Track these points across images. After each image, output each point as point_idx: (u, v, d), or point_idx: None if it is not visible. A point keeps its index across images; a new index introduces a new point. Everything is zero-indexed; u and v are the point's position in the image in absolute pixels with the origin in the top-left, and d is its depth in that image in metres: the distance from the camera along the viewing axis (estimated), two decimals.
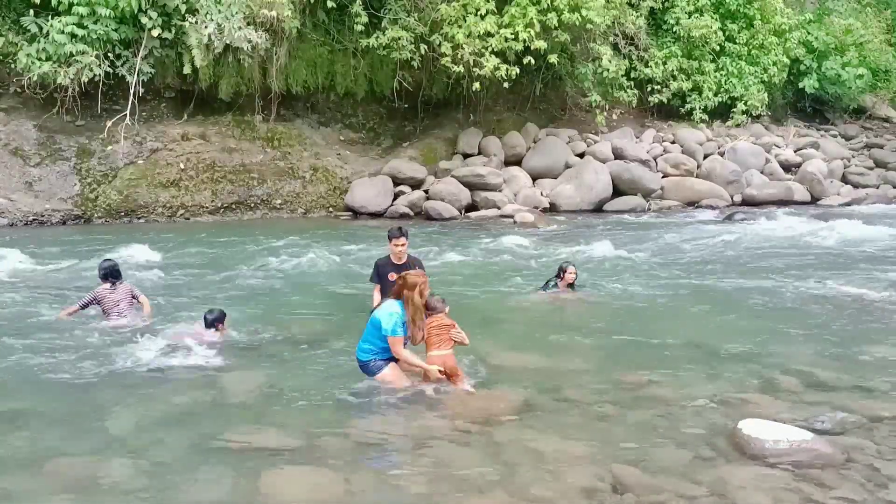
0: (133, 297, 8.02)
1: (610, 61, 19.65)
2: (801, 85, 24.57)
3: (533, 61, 17.92)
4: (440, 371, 5.69)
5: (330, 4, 17.33)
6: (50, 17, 15.36)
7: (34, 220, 15.40)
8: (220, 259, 11.73)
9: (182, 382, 6.13)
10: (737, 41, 23.25)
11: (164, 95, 17.71)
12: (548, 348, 7.07)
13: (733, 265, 11.44)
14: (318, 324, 7.99)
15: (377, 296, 7.67)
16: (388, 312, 5.71)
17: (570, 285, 9.22)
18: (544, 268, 11.13)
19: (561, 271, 9.23)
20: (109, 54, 15.93)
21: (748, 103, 22.59)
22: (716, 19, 22.76)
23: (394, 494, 4.20)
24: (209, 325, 7.18)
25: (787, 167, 21.80)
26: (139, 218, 16.43)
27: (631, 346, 7.20)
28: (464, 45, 17.25)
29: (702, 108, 22.40)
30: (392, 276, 7.46)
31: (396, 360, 5.80)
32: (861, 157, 23.60)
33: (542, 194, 18.81)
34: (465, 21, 17.53)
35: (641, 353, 6.85)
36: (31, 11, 15.57)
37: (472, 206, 18.13)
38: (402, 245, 7.65)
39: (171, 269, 10.79)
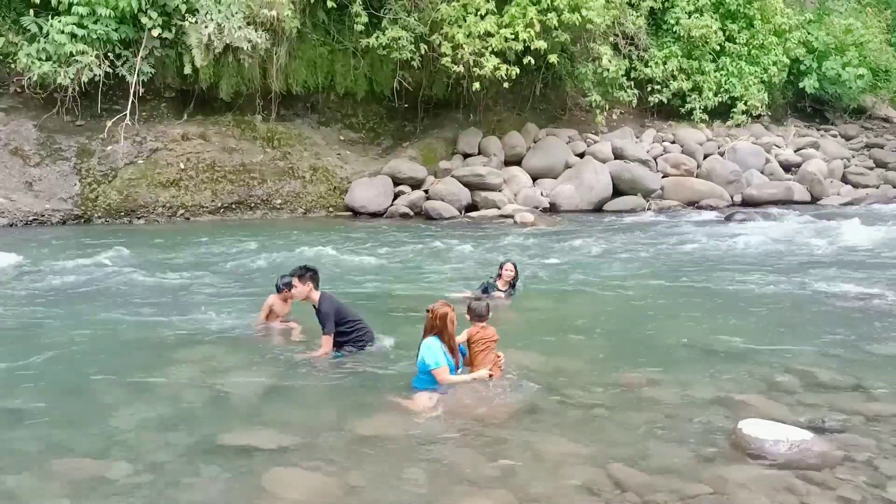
0: None
1: (610, 61, 19.66)
2: (801, 85, 24.57)
3: (533, 61, 17.92)
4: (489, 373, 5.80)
5: (330, 4, 17.33)
6: (50, 17, 15.36)
7: (34, 220, 15.40)
8: (220, 259, 11.73)
9: (183, 382, 6.13)
10: (737, 41, 23.25)
11: (164, 95, 17.71)
12: (548, 348, 7.07)
13: (733, 265, 11.43)
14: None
15: None
16: (427, 347, 5.69)
17: (512, 285, 9.06)
18: (543, 267, 11.14)
19: (500, 268, 9.10)
20: (109, 54, 15.92)
21: (748, 103, 22.59)
22: (716, 19, 22.77)
23: (394, 494, 4.20)
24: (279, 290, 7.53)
25: (787, 167, 21.79)
26: (139, 218, 16.42)
27: (631, 346, 7.20)
28: (464, 45, 17.25)
29: (702, 108, 22.40)
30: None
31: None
32: (861, 157, 23.57)
33: (542, 194, 18.80)
34: (465, 21, 17.53)
35: (641, 353, 6.85)
36: (31, 11, 15.56)
37: (472, 206, 18.13)
38: (289, 294, 6.91)
39: (170, 270, 10.77)
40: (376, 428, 5.08)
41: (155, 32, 15.96)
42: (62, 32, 15.17)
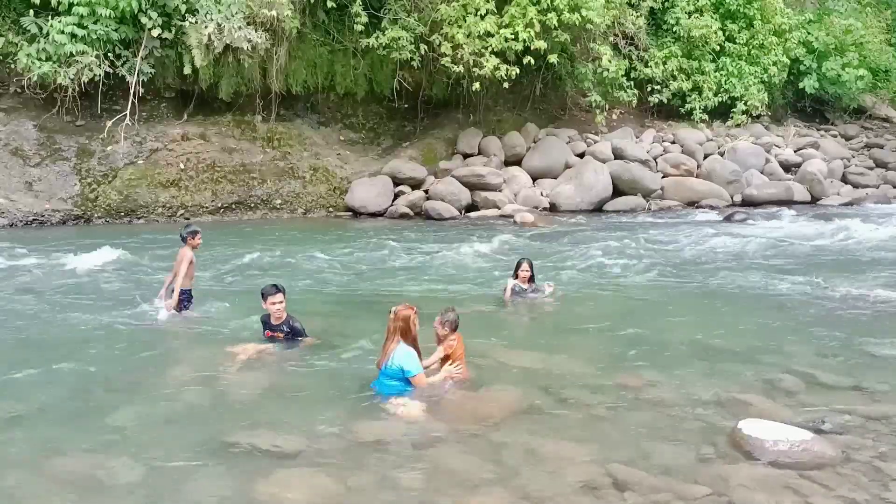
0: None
1: (610, 61, 19.64)
2: (801, 85, 24.55)
3: (533, 61, 17.91)
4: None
5: (330, 4, 17.32)
6: (50, 17, 15.34)
7: (34, 220, 15.39)
8: (220, 259, 11.72)
9: (183, 382, 6.13)
10: (737, 41, 23.25)
11: (164, 95, 17.69)
12: (548, 348, 7.07)
13: (733, 265, 11.43)
14: (318, 324, 7.96)
15: None
16: (407, 356, 5.69)
17: (531, 280, 9.01)
18: (544, 268, 11.13)
19: (516, 268, 9.07)
20: (109, 54, 15.91)
21: (748, 103, 22.58)
22: (716, 19, 22.76)
23: (394, 495, 4.20)
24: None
25: (787, 167, 21.79)
26: (139, 218, 16.42)
27: (631, 346, 7.19)
28: (464, 45, 17.24)
29: (702, 108, 22.39)
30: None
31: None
32: (861, 157, 23.58)
33: (542, 194, 18.81)
34: (465, 21, 17.52)
35: (641, 353, 6.85)
36: (31, 11, 15.55)
37: (472, 206, 18.13)
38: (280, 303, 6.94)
39: (170, 270, 10.75)
40: (376, 429, 5.08)
41: (155, 32, 15.95)
42: (62, 33, 15.15)
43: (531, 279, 9.03)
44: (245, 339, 7.31)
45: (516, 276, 9.03)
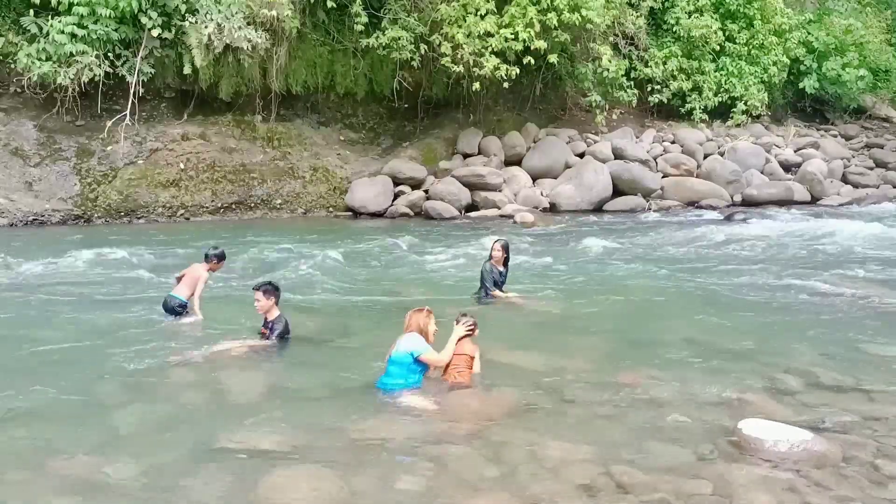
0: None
1: (610, 61, 19.65)
2: (801, 85, 24.56)
3: (533, 61, 17.92)
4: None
5: (330, 4, 17.32)
6: (50, 17, 15.34)
7: (34, 220, 15.39)
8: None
9: (183, 382, 6.13)
10: (737, 41, 23.26)
11: (164, 95, 17.69)
12: (548, 348, 7.07)
13: (733, 265, 11.43)
14: (318, 324, 7.98)
15: None
16: (414, 339, 5.79)
17: (506, 263, 8.99)
18: (543, 268, 11.14)
19: (491, 250, 9.01)
20: (109, 54, 15.91)
21: (748, 103, 22.59)
22: (716, 19, 22.77)
23: (394, 495, 4.19)
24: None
25: (787, 167, 21.80)
26: (139, 218, 16.42)
27: (631, 346, 7.20)
28: (464, 45, 17.25)
29: (702, 108, 22.40)
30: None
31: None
32: (861, 157, 23.60)
33: (542, 194, 18.81)
34: (465, 21, 17.53)
35: (641, 353, 6.85)
36: (31, 11, 15.55)
37: (472, 206, 18.13)
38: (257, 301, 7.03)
39: (170, 270, 10.76)
40: (376, 429, 5.08)
41: (155, 32, 15.95)
42: (62, 32, 15.15)
43: (506, 262, 9.02)
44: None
45: (490, 258, 8.99)
